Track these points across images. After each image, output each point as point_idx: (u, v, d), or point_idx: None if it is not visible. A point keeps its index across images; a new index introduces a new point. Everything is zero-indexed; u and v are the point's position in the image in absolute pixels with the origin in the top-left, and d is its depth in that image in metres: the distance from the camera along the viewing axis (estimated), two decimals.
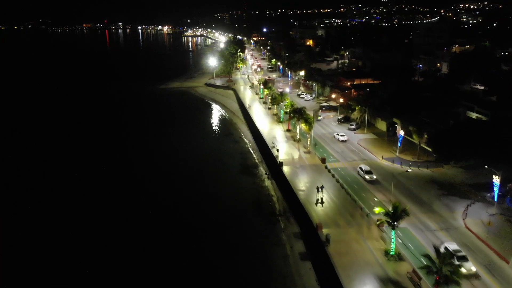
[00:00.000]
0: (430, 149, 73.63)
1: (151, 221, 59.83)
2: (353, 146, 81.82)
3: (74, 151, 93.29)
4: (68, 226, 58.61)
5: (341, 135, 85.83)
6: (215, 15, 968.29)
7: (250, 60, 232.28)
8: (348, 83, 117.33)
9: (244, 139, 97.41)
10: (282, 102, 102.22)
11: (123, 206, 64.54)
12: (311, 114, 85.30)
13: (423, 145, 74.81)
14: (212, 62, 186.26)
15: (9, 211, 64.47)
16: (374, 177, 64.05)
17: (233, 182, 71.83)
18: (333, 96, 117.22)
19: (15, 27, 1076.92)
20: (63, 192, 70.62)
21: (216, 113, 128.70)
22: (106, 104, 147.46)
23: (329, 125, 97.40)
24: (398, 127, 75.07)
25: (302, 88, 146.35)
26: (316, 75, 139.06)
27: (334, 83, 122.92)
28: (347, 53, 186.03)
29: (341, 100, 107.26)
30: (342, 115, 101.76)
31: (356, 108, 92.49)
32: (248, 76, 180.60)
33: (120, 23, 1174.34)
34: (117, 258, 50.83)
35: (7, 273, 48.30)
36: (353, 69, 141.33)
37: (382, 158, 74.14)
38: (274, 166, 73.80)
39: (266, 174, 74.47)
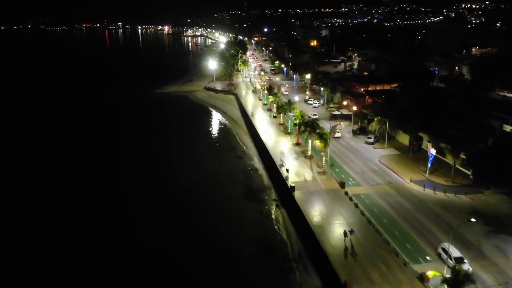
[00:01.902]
0: (468, 172, 62.75)
1: (134, 262, 49.04)
2: (374, 164, 70.91)
3: (58, 165, 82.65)
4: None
5: (338, 132, 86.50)
6: (215, 15, 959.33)
7: (252, 64, 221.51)
8: (362, 89, 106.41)
9: (248, 153, 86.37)
10: (290, 112, 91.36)
11: (103, 242, 53.77)
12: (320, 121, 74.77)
13: (458, 166, 63.95)
14: (212, 64, 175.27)
15: None
16: (471, 269, 40.65)
17: (236, 210, 60.69)
18: (345, 103, 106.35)
19: (15, 27, 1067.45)
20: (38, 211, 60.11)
21: (216, 121, 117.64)
22: (99, 111, 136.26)
23: (343, 137, 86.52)
24: (429, 144, 64.15)
25: (308, 93, 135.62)
26: (324, 78, 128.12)
27: (346, 88, 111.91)
28: (356, 54, 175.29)
29: (355, 108, 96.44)
30: (357, 126, 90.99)
31: (375, 119, 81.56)
32: (250, 79, 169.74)
33: (119, 23, 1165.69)
34: None
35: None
36: (365, 73, 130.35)
37: (411, 181, 63.23)
38: (284, 190, 62.98)
39: (274, 200, 63.45)
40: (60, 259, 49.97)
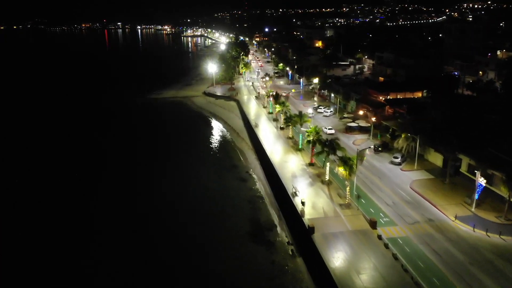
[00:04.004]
0: None
1: None
2: (405, 192, 58.93)
3: (33, 182, 70.86)
4: None
5: (329, 129, 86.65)
6: (215, 15, 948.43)
7: (255, 66, 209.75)
8: (381, 97, 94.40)
9: (253, 174, 74.18)
10: (301, 126, 79.44)
11: None
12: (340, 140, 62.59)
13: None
14: (212, 68, 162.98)
15: None
16: None
17: (241, 259, 48.21)
18: (361, 112, 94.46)
19: (14, 27, 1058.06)
20: None
21: (216, 132, 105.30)
22: (89, 118, 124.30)
23: None
24: (478, 173, 52.17)
25: (316, 99, 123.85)
26: (335, 84, 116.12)
27: (361, 95, 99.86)
28: (366, 56, 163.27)
29: (373, 119, 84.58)
30: (378, 142, 79.03)
31: (402, 136, 69.64)
32: (252, 83, 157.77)
33: (119, 23, 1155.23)
34: None
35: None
36: (381, 78, 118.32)
37: (456, 218, 51.29)
38: (300, 230, 51.01)
39: (288, 244, 51.18)
40: None
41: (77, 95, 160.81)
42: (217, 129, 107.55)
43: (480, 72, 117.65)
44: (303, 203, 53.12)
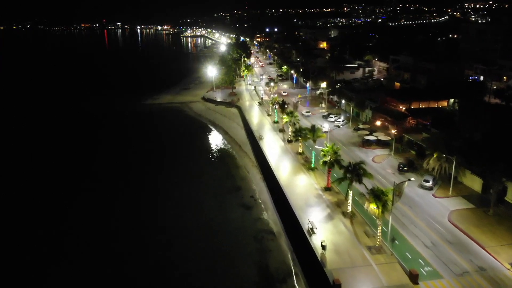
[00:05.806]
0: None
1: None
2: (444, 228, 48.78)
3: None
4: None
5: (306, 112, 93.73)
6: (216, 15, 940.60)
7: (256, 68, 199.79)
8: (401, 107, 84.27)
9: (258, 200, 63.70)
10: (314, 142, 69.19)
11: None
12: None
13: None
14: (212, 71, 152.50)
15: None
16: None
17: None
18: (378, 123, 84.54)
19: (14, 27, 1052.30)
20: None
21: (216, 145, 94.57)
22: (76, 130, 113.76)
23: (386, 176, 64.02)
24: None
25: (324, 105, 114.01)
26: (347, 89, 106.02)
27: (378, 104, 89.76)
28: (376, 59, 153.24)
29: (394, 131, 74.61)
30: (404, 160, 68.92)
31: (434, 155, 59.59)
32: (255, 87, 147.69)
33: (118, 23, 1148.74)
34: None
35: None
36: (397, 83, 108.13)
37: None
38: (320, 284, 40.77)
39: None
40: None
41: (69, 100, 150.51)
42: (217, 141, 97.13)
43: (504, 77, 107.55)
44: (323, 247, 42.98)
